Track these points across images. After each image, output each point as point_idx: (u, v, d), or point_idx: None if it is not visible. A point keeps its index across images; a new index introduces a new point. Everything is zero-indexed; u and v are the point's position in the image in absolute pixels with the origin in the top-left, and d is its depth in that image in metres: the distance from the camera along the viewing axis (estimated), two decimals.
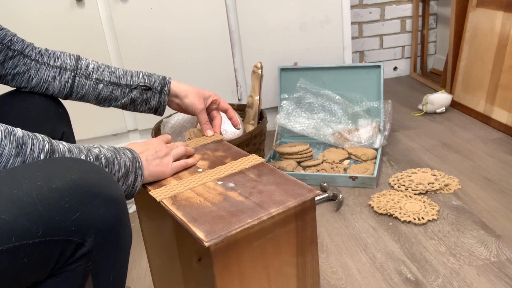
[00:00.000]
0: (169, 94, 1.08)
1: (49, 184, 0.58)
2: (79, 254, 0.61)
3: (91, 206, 0.60)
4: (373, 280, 1.21)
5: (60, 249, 0.58)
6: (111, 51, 1.98)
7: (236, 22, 2.05)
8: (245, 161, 0.90)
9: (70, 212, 0.58)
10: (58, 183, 0.59)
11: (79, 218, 0.59)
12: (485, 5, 2.10)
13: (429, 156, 1.83)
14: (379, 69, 1.92)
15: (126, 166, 0.77)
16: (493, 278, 1.16)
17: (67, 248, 0.59)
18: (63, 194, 0.58)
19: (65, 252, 0.59)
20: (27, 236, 0.55)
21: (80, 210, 0.59)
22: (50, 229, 0.57)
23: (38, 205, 0.56)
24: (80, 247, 0.60)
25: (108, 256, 0.64)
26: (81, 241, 0.60)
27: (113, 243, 0.64)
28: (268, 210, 0.72)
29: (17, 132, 0.65)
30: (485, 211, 1.44)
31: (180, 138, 1.72)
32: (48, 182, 0.58)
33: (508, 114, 1.95)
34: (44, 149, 0.67)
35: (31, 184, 0.57)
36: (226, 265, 0.69)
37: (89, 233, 0.60)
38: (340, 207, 1.55)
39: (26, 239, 0.55)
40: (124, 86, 1.04)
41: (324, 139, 1.91)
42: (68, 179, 0.60)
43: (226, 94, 2.13)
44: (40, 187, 0.58)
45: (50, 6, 1.86)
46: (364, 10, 2.75)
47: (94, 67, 1.03)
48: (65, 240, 0.58)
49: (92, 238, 0.61)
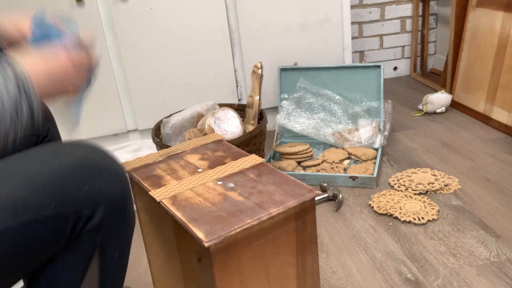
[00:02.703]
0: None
1: (59, 161, 0.63)
2: (90, 226, 0.64)
3: (99, 179, 0.64)
4: (373, 280, 1.21)
5: (72, 221, 0.62)
6: (111, 51, 1.98)
7: (236, 22, 2.05)
8: (245, 161, 0.90)
9: (80, 185, 0.62)
10: (67, 160, 0.63)
11: (88, 190, 0.63)
12: (485, 5, 2.10)
13: (429, 156, 1.83)
14: (379, 69, 1.92)
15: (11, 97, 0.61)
16: (493, 278, 1.16)
17: (79, 220, 0.62)
18: (73, 169, 0.62)
19: (77, 224, 0.62)
20: (41, 208, 0.59)
21: (89, 182, 0.63)
22: (63, 202, 0.60)
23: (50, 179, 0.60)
24: (90, 219, 0.63)
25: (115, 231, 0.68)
26: (91, 213, 0.63)
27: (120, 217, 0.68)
28: (268, 210, 0.72)
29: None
30: (485, 211, 1.44)
31: (180, 138, 1.72)
32: (58, 159, 0.63)
33: (508, 114, 1.95)
34: None
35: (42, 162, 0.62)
36: (226, 265, 0.69)
37: (99, 205, 0.64)
38: (340, 207, 1.55)
39: (41, 211, 0.59)
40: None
41: (324, 139, 1.91)
42: (76, 156, 0.64)
43: (226, 94, 2.13)
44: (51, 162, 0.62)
45: (50, 6, 1.86)
46: (364, 10, 2.75)
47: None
48: (77, 211, 0.62)
49: (101, 211, 0.64)
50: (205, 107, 1.75)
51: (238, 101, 2.16)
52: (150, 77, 2.03)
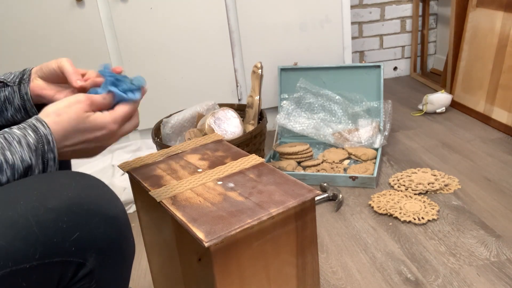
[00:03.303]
0: (29, 79, 0.84)
1: (45, 204, 0.56)
2: (82, 274, 0.59)
3: (90, 225, 0.58)
4: (373, 280, 1.21)
5: (60, 271, 0.57)
6: (111, 51, 1.98)
7: (236, 22, 2.05)
8: (245, 161, 0.90)
9: (68, 233, 0.56)
10: (54, 202, 0.56)
11: (78, 238, 0.57)
12: (485, 5, 2.10)
13: (429, 156, 1.83)
14: (379, 69, 1.92)
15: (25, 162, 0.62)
16: (493, 278, 1.16)
17: (68, 269, 0.57)
18: (60, 214, 0.56)
19: (66, 273, 0.57)
20: (24, 260, 0.53)
21: (78, 230, 0.57)
22: (48, 251, 0.55)
23: (34, 227, 0.54)
24: (82, 267, 0.58)
25: (111, 273, 0.63)
26: (82, 261, 0.58)
27: (115, 260, 0.62)
28: (268, 210, 0.72)
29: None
30: (485, 211, 1.44)
31: (180, 138, 1.72)
32: (44, 202, 0.56)
33: (508, 114, 1.95)
34: None
35: (26, 204, 0.55)
36: (226, 265, 0.69)
37: (90, 252, 0.58)
38: (340, 207, 1.55)
39: (23, 263, 0.53)
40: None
41: (324, 139, 1.91)
42: (65, 198, 0.57)
43: (226, 94, 2.13)
44: (36, 207, 0.55)
45: (50, 6, 1.86)
46: (364, 10, 2.75)
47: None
48: (65, 261, 0.57)
49: (93, 257, 0.59)
50: (205, 107, 1.74)
51: (238, 101, 2.16)
52: (150, 77, 2.03)
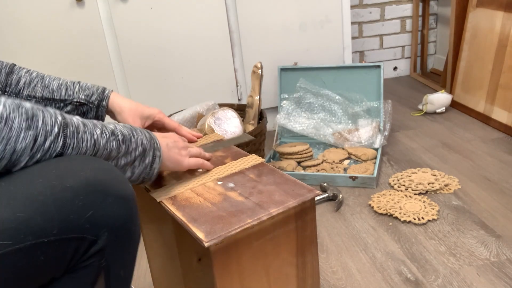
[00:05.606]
0: (106, 110, 0.99)
1: (62, 182, 0.59)
2: (93, 251, 0.62)
3: (104, 204, 0.61)
4: (373, 280, 1.21)
5: (74, 247, 0.60)
6: (111, 51, 1.98)
7: (236, 22, 2.05)
8: (245, 161, 0.90)
9: (83, 211, 0.59)
10: (71, 181, 0.60)
11: (92, 216, 0.60)
12: (485, 5, 2.10)
13: (429, 156, 1.83)
14: (379, 69, 1.92)
15: (144, 144, 0.75)
16: (493, 278, 1.16)
17: (82, 245, 0.60)
18: (77, 193, 0.59)
19: (79, 249, 0.60)
20: (42, 234, 0.56)
21: (93, 208, 0.60)
22: (65, 227, 0.58)
23: (52, 204, 0.58)
24: (94, 244, 0.61)
25: (120, 253, 0.66)
26: (94, 239, 0.61)
27: (124, 240, 0.65)
28: (268, 210, 0.72)
29: (26, 105, 0.62)
30: (485, 211, 1.44)
31: None
32: (62, 180, 0.59)
33: (508, 114, 1.95)
34: (57, 121, 0.63)
35: (45, 183, 0.59)
36: (226, 265, 0.69)
37: (102, 230, 0.61)
38: (340, 207, 1.55)
39: (42, 237, 0.56)
40: (58, 101, 0.95)
41: (324, 139, 1.91)
42: (81, 178, 0.60)
43: (226, 94, 2.13)
44: (54, 186, 0.59)
45: (50, 6, 1.86)
46: (364, 10, 2.75)
47: (26, 82, 0.94)
48: (79, 237, 0.60)
49: (105, 236, 0.62)
50: (205, 107, 1.74)
51: (238, 101, 2.16)
52: (150, 77, 2.03)
